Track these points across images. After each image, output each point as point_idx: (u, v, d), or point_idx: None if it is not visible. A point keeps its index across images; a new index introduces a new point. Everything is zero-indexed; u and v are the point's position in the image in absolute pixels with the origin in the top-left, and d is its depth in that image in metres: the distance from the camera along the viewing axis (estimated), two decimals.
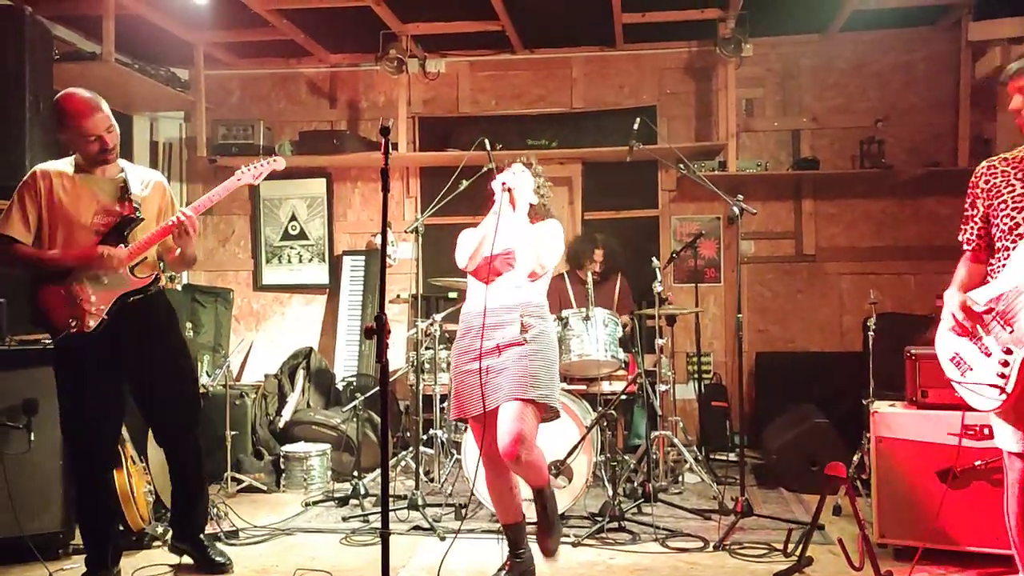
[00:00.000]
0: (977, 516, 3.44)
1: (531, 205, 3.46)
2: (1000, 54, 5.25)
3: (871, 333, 4.62)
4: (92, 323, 3.26)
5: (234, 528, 4.16)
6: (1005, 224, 2.77)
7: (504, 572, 3.35)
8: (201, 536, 3.71)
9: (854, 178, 6.15)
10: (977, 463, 3.43)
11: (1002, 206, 2.79)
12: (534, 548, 3.40)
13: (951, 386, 3.58)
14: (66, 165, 3.38)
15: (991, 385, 2.68)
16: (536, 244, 3.33)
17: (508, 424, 3.12)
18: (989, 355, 2.70)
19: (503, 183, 3.37)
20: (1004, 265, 2.74)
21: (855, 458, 4.50)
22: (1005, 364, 2.62)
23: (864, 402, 4.39)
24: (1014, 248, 2.71)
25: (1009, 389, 2.61)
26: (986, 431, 3.44)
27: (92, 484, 3.42)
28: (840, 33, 6.12)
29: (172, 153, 6.73)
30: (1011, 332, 2.62)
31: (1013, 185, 2.78)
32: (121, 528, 3.71)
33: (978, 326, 2.73)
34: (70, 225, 3.29)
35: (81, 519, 3.48)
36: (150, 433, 3.87)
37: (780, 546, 3.74)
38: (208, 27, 5.92)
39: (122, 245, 3.31)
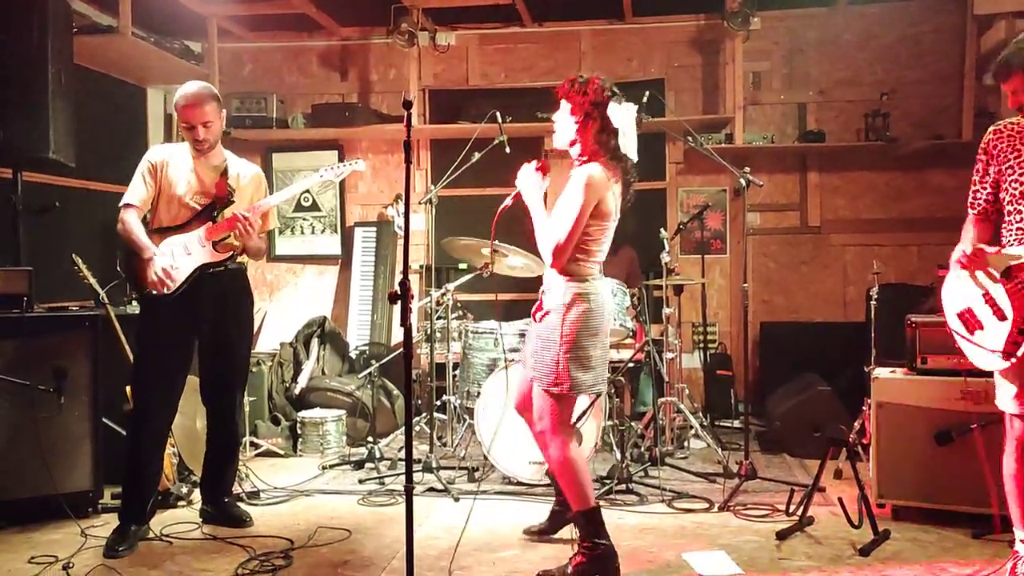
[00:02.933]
0: (973, 478, 3.55)
1: (582, 139, 3.19)
2: (1005, 27, 5.31)
3: (874, 303, 4.72)
4: (173, 286, 3.59)
5: (255, 489, 4.32)
6: (1015, 188, 2.87)
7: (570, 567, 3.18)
8: (226, 499, 3.91)
9: (859, 151, 6.22)
10: (973, 426, 3.55)
11: (1010, 171, 2.89)
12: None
13: (949, 353, 3.72)
14: (183, 147, 3.77)
15: (1001, 349, 2.77)
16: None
17: (535, 402, 3.26)
18: (1004, 318, 2.78)
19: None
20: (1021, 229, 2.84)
21: (856, 424, 4.63)
22: (1021, 332, 2.71)
23: (866, 369, 4.51)
24: None
25: (1020, 353, 2.72)
26: (983, 396, 3.57)
27: (150, 438, 3.67)
28: (847, 6, 6.16)
29: None
30: None
31: (1019, 151, 2.88)
32: None
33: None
34: (172, 199, 3.68)
35: (131, 472, 3.64)
36: None
37: (782, 507, 3.88)
38: (221, 0, 5.98)
39: (210, 223, 3.66)
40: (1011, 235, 2.89)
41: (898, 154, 6.13)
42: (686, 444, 5.14)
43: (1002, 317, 2.78)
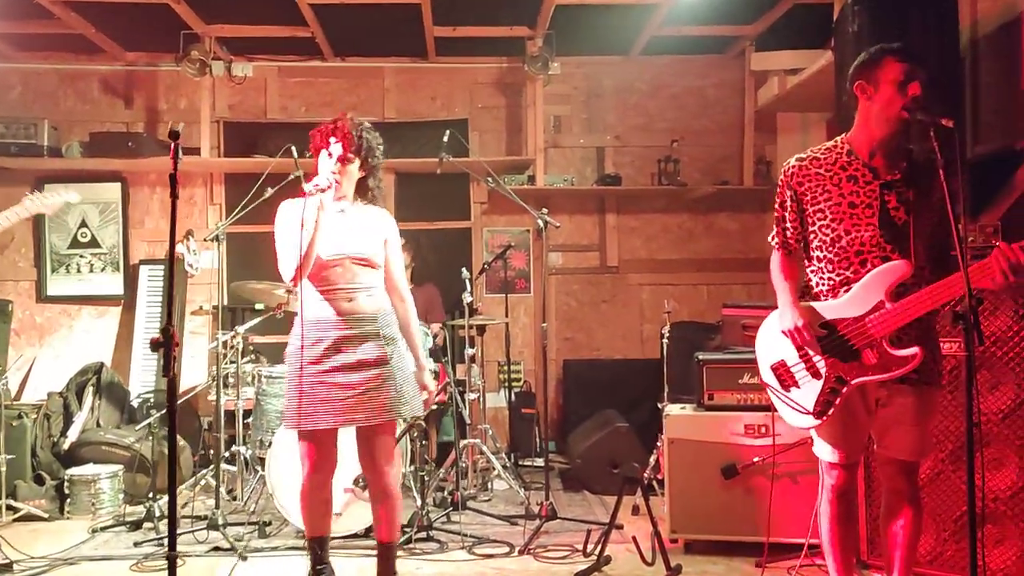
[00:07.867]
0: (756, 508, 3.71)
1: (363, 181, 3.27)
2: (778, 83, 5.73)
3: (666, 341, 4.89)
4: None
5: (7, 561, 3.81)
6: (826, 235, 2.69)
7: None
8: None
9: (653, 194, 6.50)
10: (756, 459, 3.70)
11: (819, 215, 2.70)
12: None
13: (732, 389, 3.89)
14: None
15: (812, 409, 2.67)
16: (391, 243, 3.26)
17: (384, 448, 3.16)
18: (819, 377, 2.67)
19: (339, 158, 3.13)
20: (836, 280, 2.68)
21: (651, 459, 4.74)
22: (833, 392, 2.63)
23: (659, 406, 4.64)
24: (839, 261, 2.66)
25: (828, 413, 2.64)
26: (764, 430, 3.74)
27: None
28: (640, 56, 6.46)
29: None
30: (847, 362, 2.62)
31: (829, 192, 2.68)
32: None
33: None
34: None
35: None
36: None
37: (581, 547, 3.87)
38: None
39: None
40: (823, 284, 2.72)
41: (688, 198, 6.46)
42: (490, 486, 5.08)
43: (816, 376, 2.67)
